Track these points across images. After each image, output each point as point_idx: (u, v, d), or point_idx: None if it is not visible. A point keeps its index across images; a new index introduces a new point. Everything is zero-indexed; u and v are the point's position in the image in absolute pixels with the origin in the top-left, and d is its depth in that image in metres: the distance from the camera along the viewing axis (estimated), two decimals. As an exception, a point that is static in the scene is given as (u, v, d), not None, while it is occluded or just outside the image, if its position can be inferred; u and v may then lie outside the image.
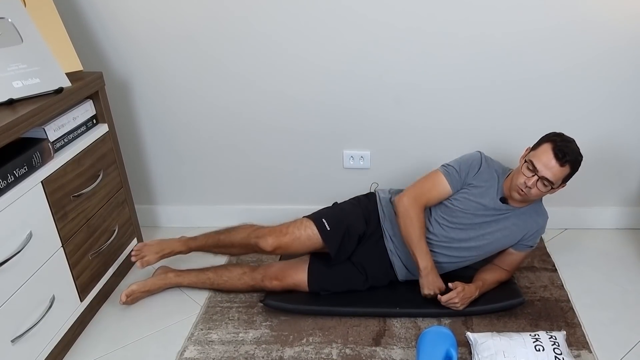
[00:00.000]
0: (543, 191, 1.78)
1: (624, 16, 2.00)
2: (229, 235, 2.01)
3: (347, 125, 2.29)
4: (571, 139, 1.79)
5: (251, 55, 2.16)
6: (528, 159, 1.78)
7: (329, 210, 2.01)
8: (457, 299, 1.84)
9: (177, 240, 2.09)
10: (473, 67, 2.13)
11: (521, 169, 1.79)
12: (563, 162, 1.72)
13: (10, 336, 1.54)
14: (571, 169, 1.76)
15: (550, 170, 1.73)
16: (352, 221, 1.95)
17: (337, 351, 1.79)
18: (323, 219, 1.93)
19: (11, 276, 1.54)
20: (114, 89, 2.25)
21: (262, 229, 1.96)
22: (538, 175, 1.74)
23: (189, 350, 1.82)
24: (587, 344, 1.79)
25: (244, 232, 1.98)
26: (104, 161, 2.00)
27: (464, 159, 1.92)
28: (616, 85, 2.13)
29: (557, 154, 1.72)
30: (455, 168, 1.90)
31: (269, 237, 1.90)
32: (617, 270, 2.16)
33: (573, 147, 1.76)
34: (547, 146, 1.75)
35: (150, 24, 2.12)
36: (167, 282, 2.06)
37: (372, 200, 2.03)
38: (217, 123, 2.32)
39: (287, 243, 1.90)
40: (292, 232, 1.91)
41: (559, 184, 1.78)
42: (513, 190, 1.81)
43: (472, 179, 1.87)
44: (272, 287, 1.96)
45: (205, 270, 2.07)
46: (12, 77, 1.68)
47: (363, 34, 2.09)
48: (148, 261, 2.02)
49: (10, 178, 1.53)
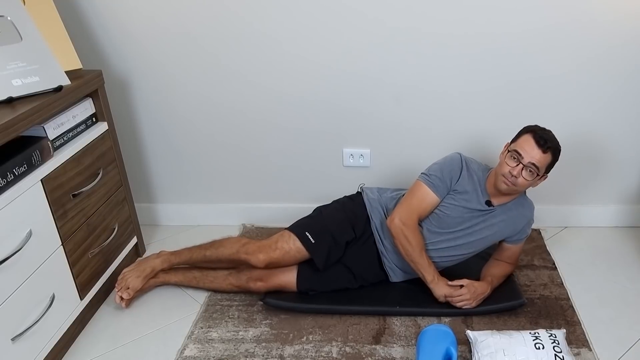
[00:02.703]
0: (529, 180, 1.79)
1: (625, 15, 1.99)
2: (215, 252, 1.99)
3: (347, 123, 2.29)
4: (549, 130, 1.83)
5: (251, 53, 2.16)
6: (511, 148, 1.80)
7: (311, 220, 1.99)
8: (468, 295, 1.85)
9: (157, 256, 2.05)
10: (473, 66, 2.12)
11: (505, 160, 1.81)
12: (545, 148, 1.76)
13: (10, 335, 1.54)
14: (553, 157, 1.80)
15: (533, 156, 1.76)
16: (337, 229, 1.93)
17: (337, 349, 1.79)
18: (306, 232, 1.92)
19: (11, 275, 1.54)
20: (113, 87, 2.24)
21: (250, 244, 1.96)
22: (523, 164, 1.77)
23: (189, 348, 1.82)
24: (587, 342, 1.79)
25: (232, 247, 1.97)
26: (103, 159, 2.00)
27: (445, 165, 1.90)
28: (616, 84, 2.13)
29: (538, 141, 1.76)
30: (438, 177, 1.88)
31: (260, 254, 1.91)
32: (616, 268, 2.16)
33: (552, 136, 1.81)
34: (527, 136, 1.79)
35: (149, 21, 2.12)
36: (156, 279, 2.06)
37: (357, 202, 2.02)
38: (217, 121, 2.32)
39: (278, 258, 1.91)
40: (281, 247, 1.91)
41: (543, 172, 1.80)
42: (499, 182, 1.82)
43: (455, 185, 1.88)
44: (257, 288, 1.96)
45: (191, 268, 2.08)
46: (12, 75, 1.67)
47: (363, 33, 2.09)
48: (134, 287, 1.97)
49: (9, 176, 1.53)
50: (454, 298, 1.86)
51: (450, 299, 1.87)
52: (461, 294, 1.85)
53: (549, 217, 2.43)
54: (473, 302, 1.86)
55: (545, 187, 2.32)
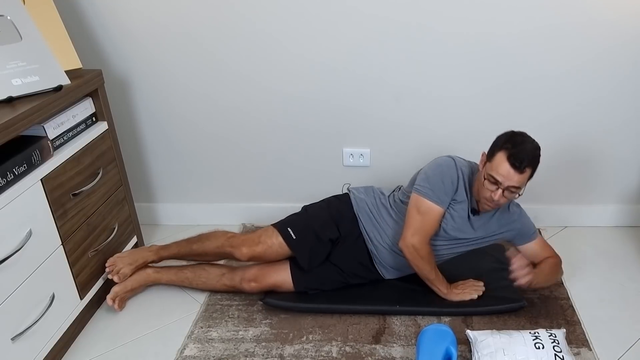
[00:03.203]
0: (511, 197, 1.77)
1: (624, 15, 1.99)
2: (202, 245, 2.00)
3: (347, 123, 2.29)
4: (523, 137, 1.73)
5: (250, 52, 2.16)
6: (487, 173, 1.73)
7: (295, 217, 2.00)
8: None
9: (148, 249, 2.08)
10: (473, 66, 2.12)
11: (483, 183, 1.76)
12: (522, 169, 1.68)
13: (10, 334, 1.54)
14: (532, 170, 1.73)
15: (511, 180, 1.70)
16: (320, 226, 1.94)
17: (337, 349, 1.79)
18: (288, 228, 1.93)
19: (11, 274, 1.54)
20: (113, 87, 2.24)
21: (235, 237, 1.97)
22: (502, 188, 1.72)
23: (189, 348, 1.82)
24: (587, 342, 1.79)
25: (217, 240, 1.98)
26: (103, 159, 2.00)
27: (444, 176, 1.83)
28: (616, 82, 2.13)
29: (514, 164, 1.68)
30: (441, 190, 1.82)
31: (243, 247, 1.92)
32: (616, 268, 2.16)
33: (527, 149, 1.70)
34: (501, 156, 1.70)
35: (149, 21, 2.12)
36: (147, 279, 2.06)
37: (343, 201, 2.02)
38: (216, 121, 2.32)
39: (260, 253, 1.92)
40: (264, 242, 1.92)
41: (524, 187, 1.76)
42: (482, 204, 1.82)
43: (455, 195, 1.86)
44: (250, 289, 1.96)
45: (183, 268, 2.07)
46: (12, 74, 1.67)
47: (363, 32, 2.09)
48: (124, 273, 1.99)
49: (9, 176, 1.53)
50: (465, 290, 1.93)
51: (462, 293, 1.93)
52: (466, 283, 1.95)
53: (549, 217, 2.43)
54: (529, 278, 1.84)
55: (545, 187, 2.33)
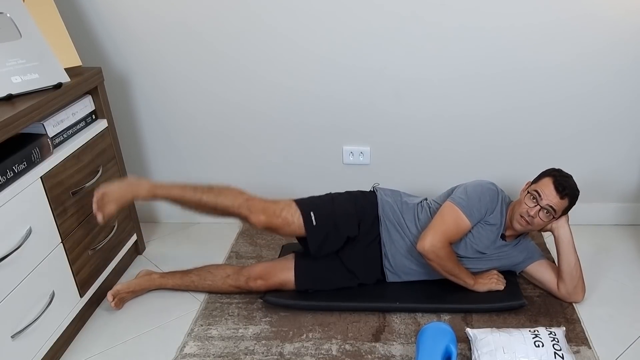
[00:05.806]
0: (545, 221, 1.85)
1: (625, 11, 1.99)
2: (214, 199, 1.86)
3: (347, 120, 2.29)
4: (569, 175, 1.88)
5: (250, 49, 2.16)
6: (530, 189, 1.87)
7: (320, 203, 1.95)
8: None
9: (140, 184, 1.88)
10: (475, 62, 2.12)
11: (523, 200, 1.87)
12: (563, 194, 1.82)
13: (10, 332, 1.54)
14: (570, 202, 1.85)
15: (551, 200, 1.82)
16: (342, 221, 1.92)
17: (336, 347, 1.79)
18: (311, 212, 1.90)
19: (11, 272, 1.54)
20: (113, 84, 2.24)
21: (254, 202, 1.88)
22: (541, 205, 1.82)
23: (189, 346, 1.82)
24: (587, 340, 1.80)
25: (235, 199, 1.87)
26: (103, 157, 2.00)
27: (483, 195, 1.88)
28: (616, 80, 2.12)
29: (557, 187, 1.82)
30: (475, 205, 1.86)
31: (262, 215, 1.86)
32: (616, 266, 2.16)
33: (571, 182, 1.86)
34: (547, 180, 1.85)
35: (149, 18, 2.12)
36: (151, 284, 2.05)
37: (370, 200, 1.99)
38: (216, 118, 2.32)
39: (277, 226, 1.88)
40: (284, 217, 1.88)
41: (559, 215, 1.86)
42: (515, 221, 1.87)
43: (488, 217, 1.91)
44: (257, 287, 1.96)
45: (188, 272, 2.05)
46: (11, 72, 1.67)
47: (363, 29, 2.08)
48: (109, 213, 1.82)
49: (9, 174, 1.53)
50: (492, 280, 1.95)
51: (489, 283, 1.95)
52: (490, 274, 1.97)
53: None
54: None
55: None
